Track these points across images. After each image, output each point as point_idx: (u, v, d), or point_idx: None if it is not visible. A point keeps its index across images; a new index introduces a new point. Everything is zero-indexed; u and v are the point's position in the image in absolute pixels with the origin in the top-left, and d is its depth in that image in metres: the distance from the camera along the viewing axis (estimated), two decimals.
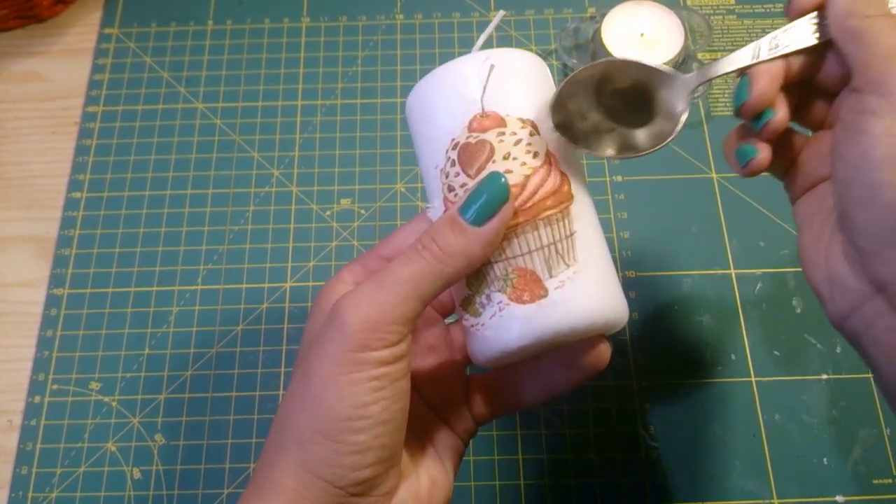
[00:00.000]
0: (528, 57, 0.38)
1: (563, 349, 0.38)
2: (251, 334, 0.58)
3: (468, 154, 0.35)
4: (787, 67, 0.37)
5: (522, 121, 0.36)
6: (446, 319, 0.43)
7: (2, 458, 0.54)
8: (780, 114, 0.37)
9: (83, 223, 0.62)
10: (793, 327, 0.57)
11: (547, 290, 0.34)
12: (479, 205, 0.33)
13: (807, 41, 0.36)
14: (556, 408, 0.55)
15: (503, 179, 0.34)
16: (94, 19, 0.71)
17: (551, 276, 0.34)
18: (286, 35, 0.69)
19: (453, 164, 0.36)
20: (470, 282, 0.36)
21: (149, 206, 0.62)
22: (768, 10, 0.69)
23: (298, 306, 0.59)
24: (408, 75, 0.67)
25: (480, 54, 0.37)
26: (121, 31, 0.70)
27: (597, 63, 0.37)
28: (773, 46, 0.36)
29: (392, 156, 0.64)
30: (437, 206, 0.37)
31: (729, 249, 0.59)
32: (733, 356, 0.56)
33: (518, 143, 0.35)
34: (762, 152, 0.37)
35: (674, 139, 0.37)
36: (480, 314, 0.35)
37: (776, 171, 0.41)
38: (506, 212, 0.34)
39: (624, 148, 0.37)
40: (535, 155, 0.36)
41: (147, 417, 0.55)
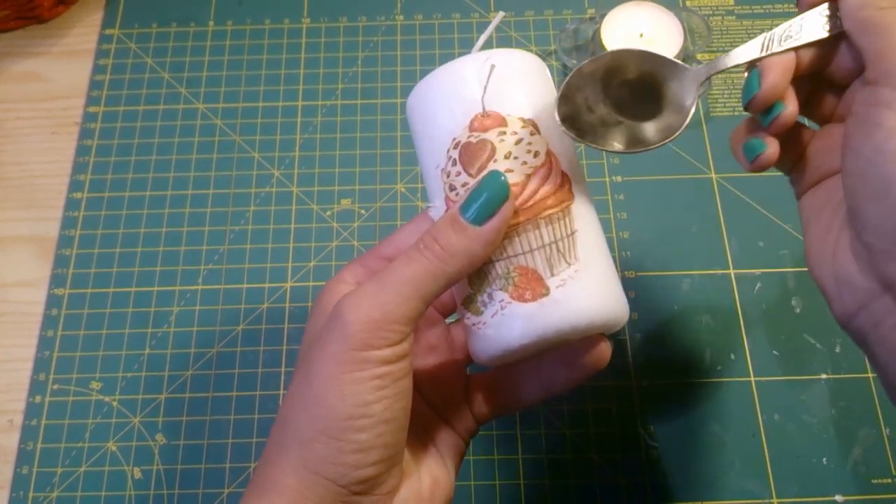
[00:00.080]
0: (528, 57, 0.38)
1: (564, 348, 0.38)
2: (252, 334, 0.58)
3: (469, 153, 0.36)
4: (798, 60, 0.36)
5: (523, 120, 0.36)
6: (447, 319, 0.43)
7: (2, 457, 0.54)
8: (790, 108, 0.36)
9: (84, 223, 0.62)
10: (792, 327, 0.57)
11: (548, 289, 0.34)
12: (479, 204, 0.33)
13: (818, 33, 0.35)
14: (556, 408, 0.55)
15: (503, 178, 0.34)
16: (95, 20, 0.71)
17: (553, 275, 0.34)
18: (286, 36, 0.70)
19: (454, 164, 0.36)
20: (472, 280, 0.36)
21: (150, 207, 0.62)
22: (767, 11, 0.69)
23: (299, 306, 0.59)
24: (408, 76, 0.67)
25: (481, 55, 0.37)
26: (122, 31, 0.70)
27: (604, 54, 0.36)
28: (784, 38, 0.35)
29: (392, 156, 0.64)
30: (438, 205, 0.37)
31: (728, 249, 0.59)
32: (733, 356, 0.56)
33: (519, 142, 0.36)
34: (770, 147, 0.36)
35: (682, 132, 0.37)
36: (482, 313, 0.35)
37: (783, 166, 0.40)
38: (506, 210, 0.34)
39: (631, 142, 0.37)
40: (536, 154, 0.36)
41: (148, 417, 0.55)
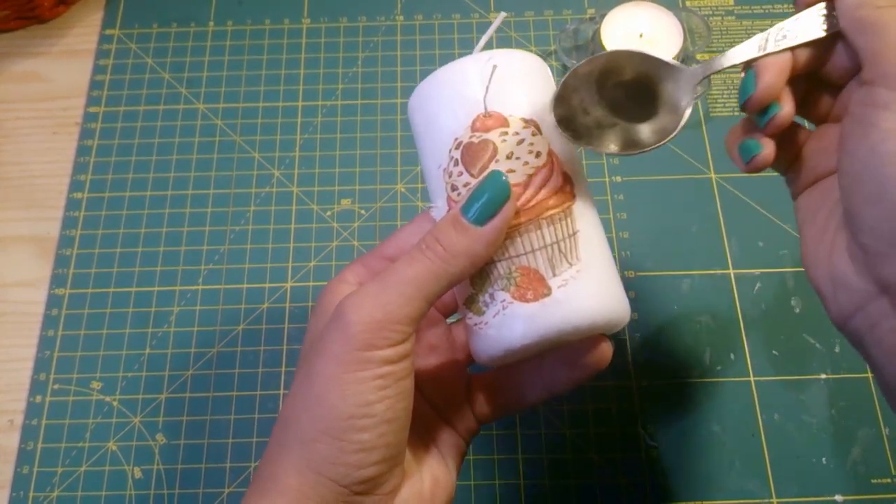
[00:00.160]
0: (530, 58, 0.38)
1: (565, 348, 0.38)
2: (252, 334, 0.58)
3: (471, 153, 0.36)
4: (794, 60, 0.35)
5: (525, 121, 0.36)
6: (448, 319, 0.43)
7: (3, 457, 0.54)
8: (786, 108, 0.35)
9: (84, 223, 0.62)
10: (792, 327, 0.57)
11: (550, 289, 0.34)
12: (480, 204, 0.33)
13: (815, 33, 0.35)
14: (556, 408, 0.55)
15: (504, 178, 0.34)
16: (95, 20, 0.71)
17: (554, 275, 0.34)
18: (287, 36, 0.70)
19: (456, 164, 0.36)
20: (473, 280, 0.36)
21: (150, 207, 0.62)
22: (767, 11, 0.69)
23: (299, 306, 0.59)
24: (408, 76, 0.67)
25: (483, 55, 0.37)
26: (122, 31, 0.70)
27: (599, 55, 0.36)
28: (780, 38, 0.35)
29: (392, 156, 0.64)
30: (440, 205, 0.37)
31: (728, 250, 0.59)
32: (732, 356, 0.56)
33: (521, 142, 0.36)
34: (766, 148, 0.36)
35: (678, 134, 0.36)
36: (484, 313, 0.35)
37: (779, 166, 0.39)
38: (507, 210, 0.34)
39: (627, 143, 0.37)
40: (538, 155, 0.36)
41: (148, 417, 0.55)
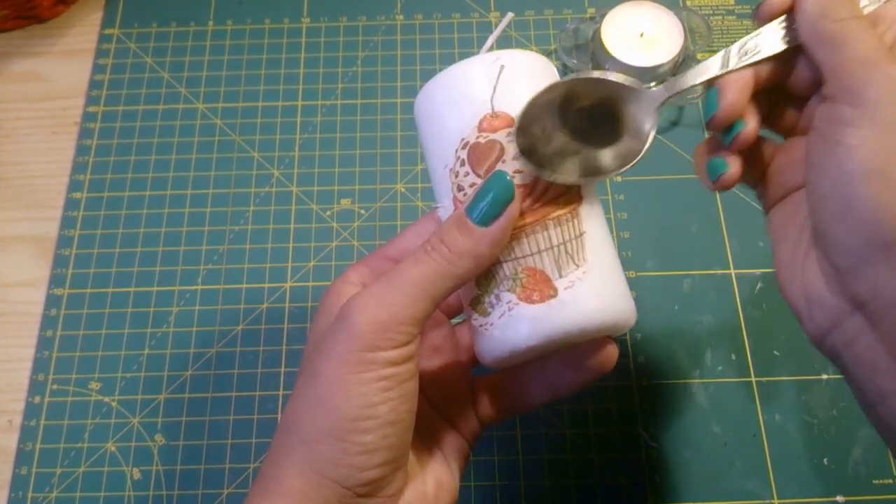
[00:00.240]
0: (537, 58, 0.38)
1: (570, 350, 0.38)
2: (251, 334, 0.58)
3: (478, 154, 0.36)
4: (757, 75, 0.35)
5: None
6: (452, 320, 0.43)
7: (1, 458, 0.54)
8: (751, 125, 0.35)
9: (83, 223, 0.61)
10: (793, 327, 0.57)
11: (556, 290, 0.34)
12: (485, 204, 0.33)
13: (776, 47, 0.35)
14: (556, 408, 0.55)
15: (508, 178, 0.34)
16: (94, 20, 0.71)
17: (561, 276, 0.34)
18: (286, 35, 0.69)
19: (463, 164, 0.36)
20: (479, 281, 0.36)
21: (149, 207, 0.62)
22: None
23: (298, 306, 0.59)
24: (408, 76, 0.67)
25: (489, 55, 0.37)
26: (121, 31, 0.70)
27: (559, 82, 0.36)
28: (741, 54, 0.35)
29: (392, 156, 0.64)
30: (446, 205, 0.37)
31: (729, 249, 0.59)
32: (733, 356, 0.56)
33: None
34: (733, 166, 0.36)
35: (642, 159, 0.36)
36: (489, 314, 0.35)
37: (748, 182, 0.39)
38: (512, 210, 0.34)
39: (592, 170, 0.36)
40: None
41: (147, 417, 0.55)
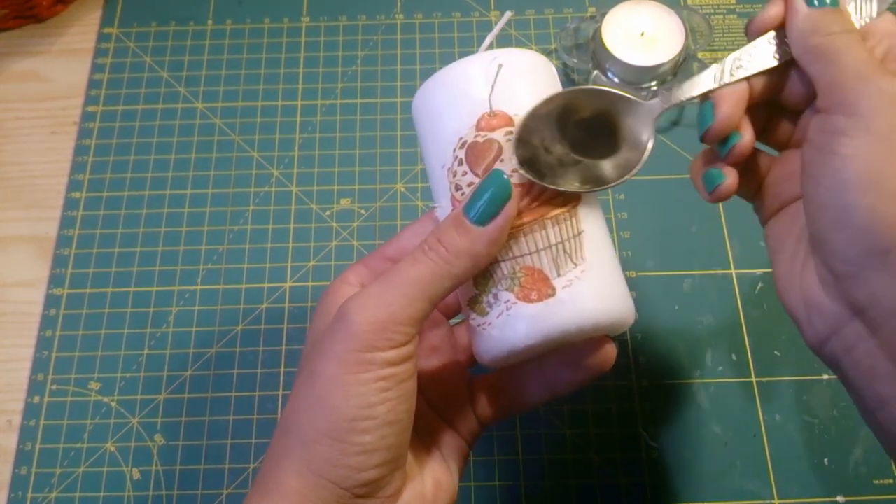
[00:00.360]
0: (535, 57, 0.38)
1: (569, 349, 0.38)
2: (251, 334, 0.58)
3: (476, 153, 0.35)
4: (751, 88, 0.36)
5: None
6: (450, 321, 0.43)
7: (1, 458, 0.54)
8: (746, 137, 0.36)
9: (83, 223, 0.61)
10: (793, 327, 0.55)
11: (555, 289, 0.34)
12: (482, 203, 0.33)
13: (769, 62, 0.36)
14: (556, 408, 0.55)
15: (505, 177, 0.34)
16: (93, 19, 0.71)
17: (559, 275, 0.34)
18: (286, 35, 0.69)
19: (461, 163, 0.36)
20: (477, 281, 0.36)
21: (148, 206, 0.62)
22: None
23: (298, 306, 0.59)
24: (407, 75, 0.67)
25: (487, 54, 0.37)
26: (120, 30, 0.70)
27: (557, 94, 0.36)
28: (735, 68, 0.36)
29: (392, 155, 0.64)
30: (444, 204, 0.37)
31: (729, 249, 0.59)
32: (734, 356, 0.56)
33: None
34: (729, 177, 0.37)
35: (640, 170, 0.36)
36: (487, 313, 0.35)
37: (745, 194, 0.40)
38: (509, 209, 0.33)
39: (590, 180, 0.36)
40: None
41: (146, 418, 0.55)
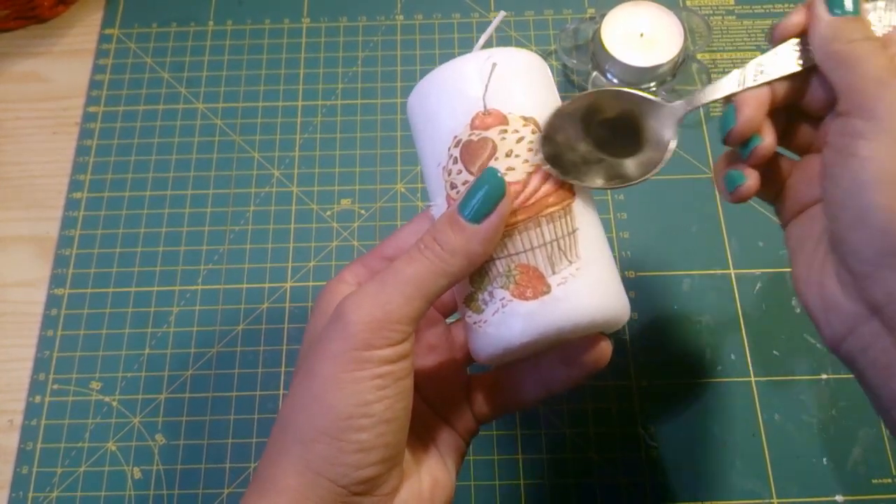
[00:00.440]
0: (529, 56, 0.38)
1: (564, 347, 0.38)
2: (251, 334, 0.58)
3: (470, 151, 0.36)
4: (773, 93, 0.37)
5: (524, 119, 0.36)
6: (447, 319, 0.43)
7: (2, 457, 0.54)
8: (768, 140, 0.37)
9: (84, 223, 0.62)
10: (792, 327, 0.57)
11: (550, 287, 0.34)
12: (476, 201, 0.33)
13: (791, 67, 0.36)
14: (556, 407, 0.55)
15: (499, 174, 0.34)
16: (94, 20, 0.71)
17: (554, 273, 0.34)
18: (286, 36, 0.70)
19: (455, 162, 0.36)
20: (473, 278, 0.36)
21: (149, 207, 0.62)
22: (767, 11, 0.69)
23: (299, 306, 0.59)
24: (408, 76, 0.67)
25: (482, 53, 0.37)
26: (121, 31, 0.70)
27: (584, 94, 0.37)
28: (757, 73, 0.37)
29: (392, 156, 0.64)
30: (440, 203, 0.37)
31: (728, 249, 0.59)
32: (733, 356, 0.56)
33: (520, 140, 0.36)
34: (750, 179, 0.37)
35: (662, 168, 0.37)
36: (483, 311, 0.35)
37: (765, 197, 0.41)
38: (503, 207, 0.34)
39: (613, 177, 0.37)
40: (538, 152, 0.36)
41: (147, 417, 0.55)
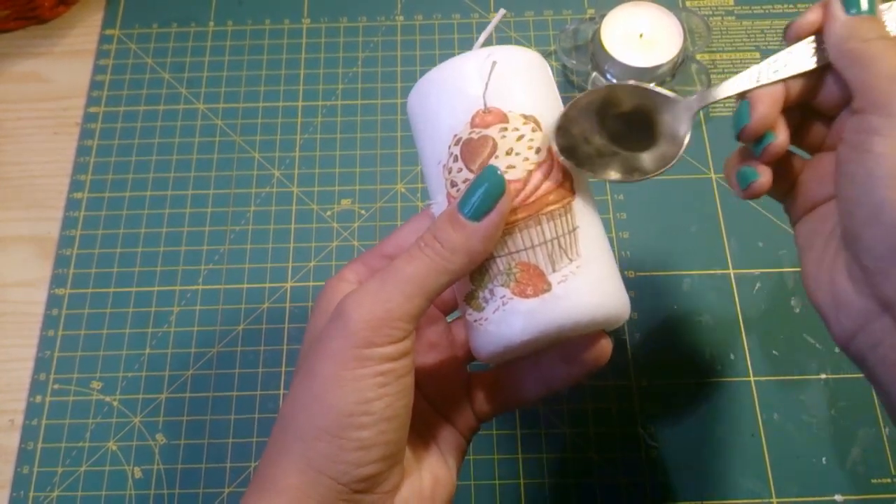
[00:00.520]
0: (529, 54, 0.38)
1: (565, 344, 0.38)
2: (252, 334, 0.58)
3: (470, 149, 0.36)
4: (787, 90, 0.37)
5: (525, 117, 0.36)
6: (448, 317, 0.43)
7: (3, 457, 0.54)
8: (781, 137, 0.37)
9: (85, 223, 0.62)
10: (792, 327, 0.57)
11: (550, 285, 0.34)
12: (476, 199, 0.33)
13: (806, 65, 0.37)
14: (556, 407, 0.55)
15: (499, 172, 0.34)
16: (95, 20, 0.71)
17: (554, 271, 0.34)
18: (287, 36, 0.70)
19: (456, 160, 0.36)
20: (473, 276, 0.36)
21: (150, 207, 0.62)
22: (767, 12, 0.69)
23: (299, 306, 0.59)
24: (408, 76, 0.67)
25: (482, 51, 0.37)
26: (122, 32, 0.70)
27: (599, 88, 0.37)
28: (773, 70, 0.37)
29: (392, 156, 0.64)
30: (440, 201, 0.37)
31: (728, 249, 0.59)
32: (732, 356, 0.56)
33: (520, 138, 0.36)
34: (763, 175, 0.38)
35: (677, 162, 0.37)
36: (483, 309, 0.35)
37: (776, 194, 0.41)
38: (503, 205, 0.34)
39: (627, 171, 0.37)
40: (538, 151, 0.36)
41: (148, 417, 0.55)
